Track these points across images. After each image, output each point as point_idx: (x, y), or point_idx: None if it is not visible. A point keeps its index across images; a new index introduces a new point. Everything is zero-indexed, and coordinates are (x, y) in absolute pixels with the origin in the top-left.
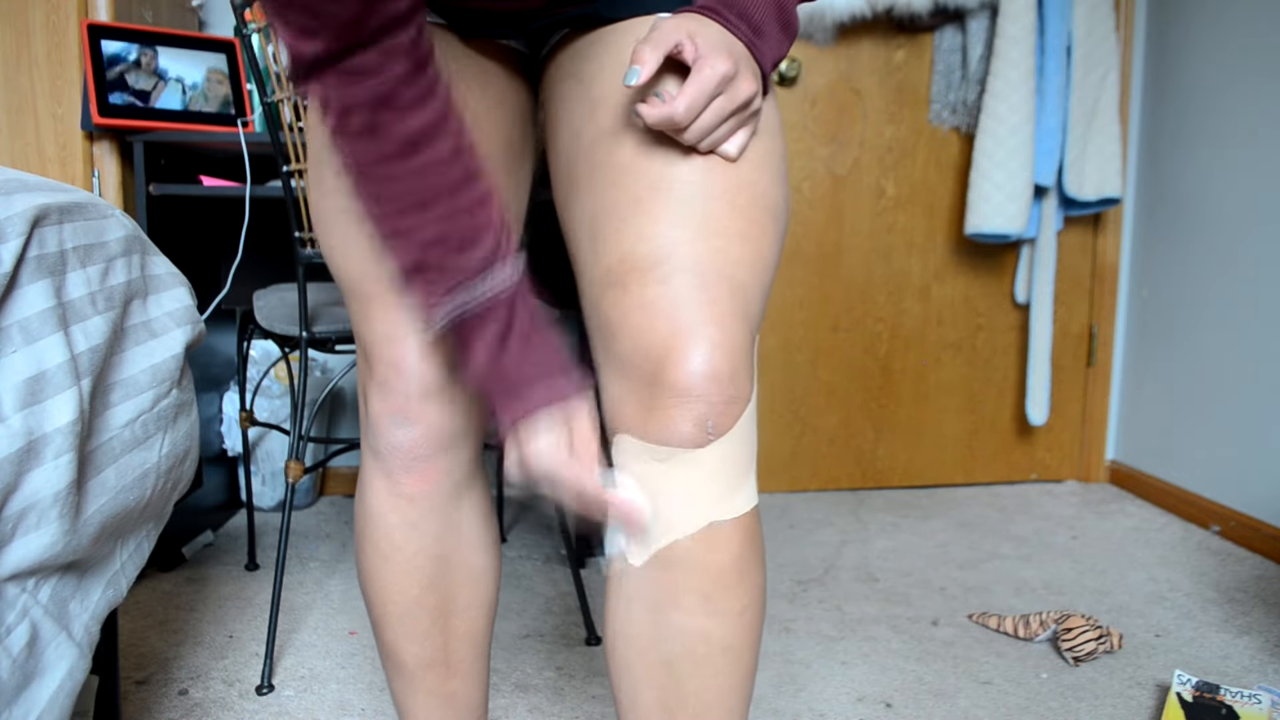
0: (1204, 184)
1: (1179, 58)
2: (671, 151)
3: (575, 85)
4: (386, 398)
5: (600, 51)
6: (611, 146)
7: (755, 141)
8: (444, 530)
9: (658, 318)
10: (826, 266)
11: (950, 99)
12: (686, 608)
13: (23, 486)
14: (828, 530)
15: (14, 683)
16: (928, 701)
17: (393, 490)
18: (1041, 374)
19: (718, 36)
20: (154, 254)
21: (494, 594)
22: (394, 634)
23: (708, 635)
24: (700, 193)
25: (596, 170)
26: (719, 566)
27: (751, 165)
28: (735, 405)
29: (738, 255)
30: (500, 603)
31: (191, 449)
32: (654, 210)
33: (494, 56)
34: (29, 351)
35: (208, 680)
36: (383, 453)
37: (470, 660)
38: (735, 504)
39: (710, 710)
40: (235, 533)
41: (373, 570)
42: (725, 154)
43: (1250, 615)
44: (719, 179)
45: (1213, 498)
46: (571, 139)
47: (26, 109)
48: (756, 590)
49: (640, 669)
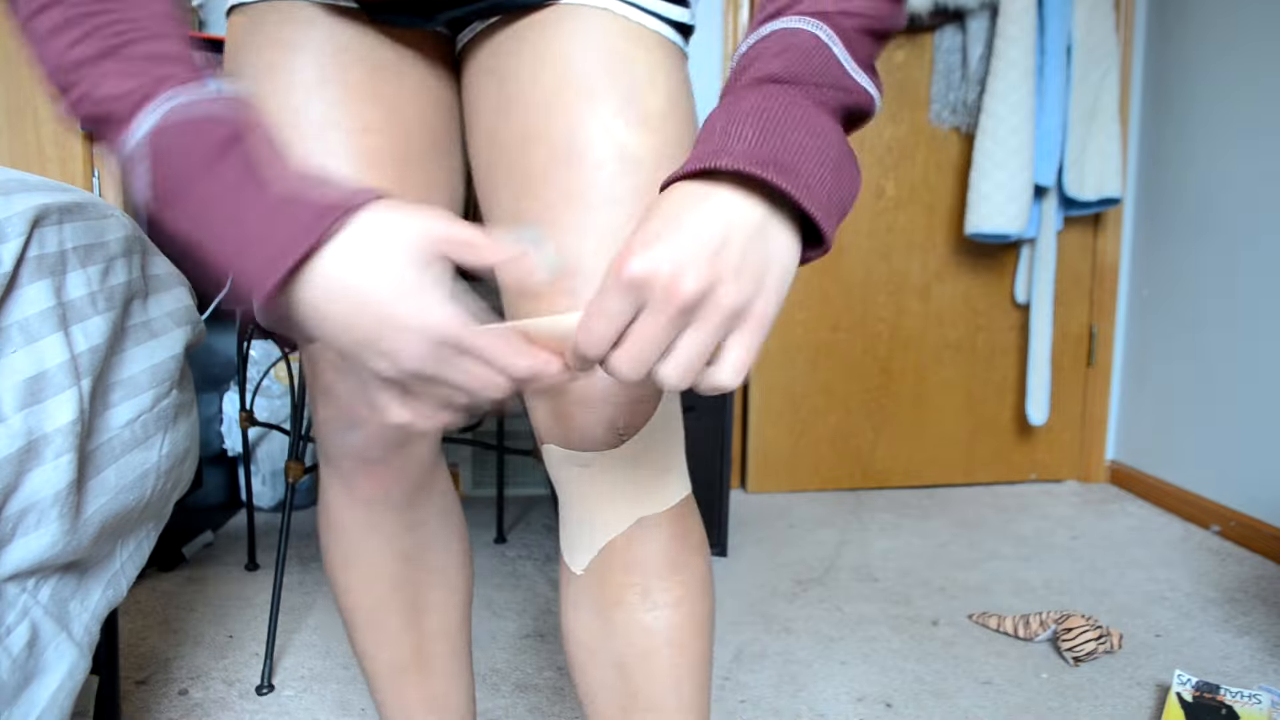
0: (1204, 184)
1: (1179, 58)
2: (585, 157)
3: (491, 82)
4: (331, 403)
5: (518, 45)
6: (527, 150)
7: (668, 132)
8: (404, 530)
9: None
10: (826, 266)
11: (950, 99)
12: (627, 604)
13: (23, 486)
14: (828, 530)
15: (14, 683)
16: (928, 701)
17: (349, 494)
18: (1041, 374)
19: (694, 209)
20: (154, 254)
21: (466, 591)
22: (365, 639)
23: (649, 629)
24: (609, 198)
25: (512, 175)
26: (652, 560)
27: (664, 160)
28: (643, 405)
29: None
30: (500, 603)
31: (191, 449)
32: (564, 219)
33: (411, 43)
34: (29, 351)
35: (208, 680)
36: (334, 457)
37: (446, 659)
38: (663, 497)
39: (662, 703)
40: (235, 533)
41: (339, 577)
42: (718, 384)
43: (1250, 615)
44: (630, 183)
45: (1213, 498)
46: (487, 139)
47: (26, 109)
48: (695, 579)
49: (593, 671)
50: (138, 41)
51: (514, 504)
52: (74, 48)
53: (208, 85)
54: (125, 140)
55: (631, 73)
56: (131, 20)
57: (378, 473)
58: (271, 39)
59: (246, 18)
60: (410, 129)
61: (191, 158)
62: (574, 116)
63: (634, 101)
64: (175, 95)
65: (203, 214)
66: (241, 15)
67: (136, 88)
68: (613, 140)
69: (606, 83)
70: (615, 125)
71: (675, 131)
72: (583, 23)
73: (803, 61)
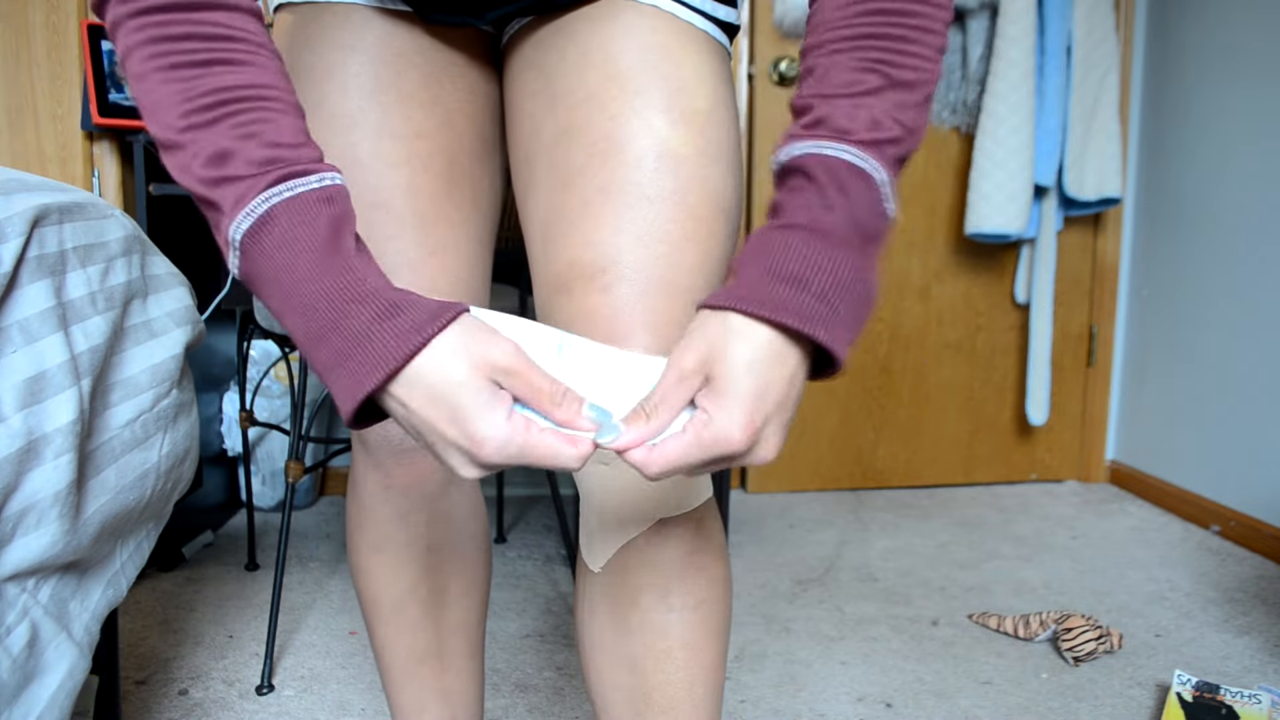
0: (1204, 184)
1: (1179, 58)
2: (625, 153)
3: (536, 76)
4: None
5: (564, 41)
6: (568, 146)
7: (710, 132)
8: (434, 521)
9: (596, 325)
10: None
11: (950, 99)
12: (644, 605)
13: (23, 486)
14: (828, 530)
15: (14, 683)
16: (928, 701)
17: (384, 482)
18: (1041, 374)
19: (759, 361)
20: (154, 254)
21: (485, 586)
22: (387, 627)
23: (666, 631)
24: (647, 195)
25: (553, 170)
26: (672, 561)
27: (705, 159)
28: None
29: (679, 260)
30: (500, 603)
31: (191, 449)
32: (600, 215)
33: (461, 46)
34: (29, 351)
35: (208, 680)
36: (372, 445)
37: (464, 655)
38: (685, 498)
39: (676, 706)
40: (235, 533)
41: (365, 563)
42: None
43: (1250, 615)
44: (669, 180)
45: (1213, 498)
46: (531, 134)
47: (26, 109)
48: (714, 583)
49: (607, 670)
50: (243, 111)
51: (514, 504)
52: (181, 104)
53: (308, 177)
54: (226, 227)
55: (677, 71)
56: (245, 89)
57: (416, 461)
58: (326, 40)
59: (296, 16)
60: (461, 132)
61: (293, 269)
62: (616, 112)
63: (678, 99)
64: (277, 192)
65: (302, 316)
66: (290, 14)
67: (240, 177)
68: (654, 137)
69: (650, 79)
70: (658, 122)
71: (717, 131)
72: (629, 18)
73: (856, 209)
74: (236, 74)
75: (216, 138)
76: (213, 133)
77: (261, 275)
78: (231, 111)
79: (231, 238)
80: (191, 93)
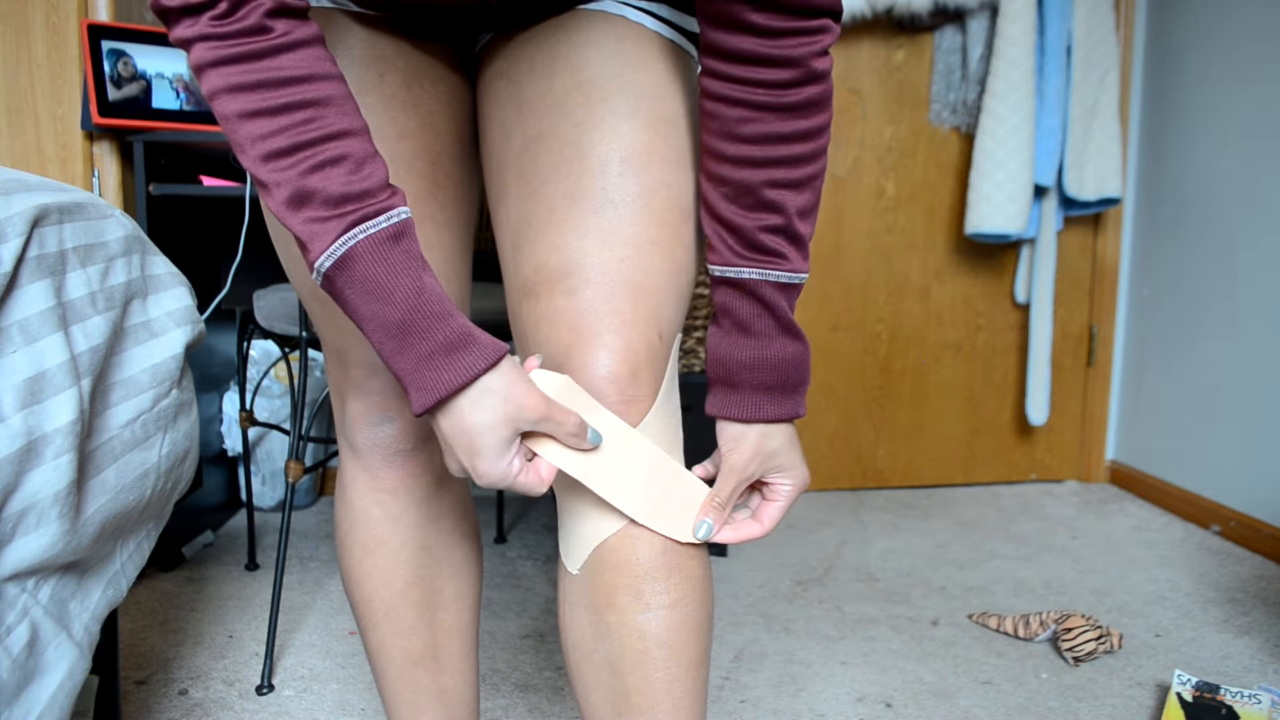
0: (1204, 184)
1: (1179, 58)
2: (589, 159)
3: (506, 85)
4: (364, 398)
5: (532, 50)
6: (536, 153)
7: (674, 138)
8: (426, 522)
9: (563, 328)
10: (826, 266)
11: (950, 99)
12: (620, 606)
13: (23, 486)
14: (828, 530)
15: (14, 683)
16: (928, 701)
17: (374, 485)
18: (1041, 374)
19: (790, 443)
20: (154, 254)
21: (477, 587)
22: (381, 631)
23: (642, 631)
24: (612, 200)
25: (522, 177)
26: (646, 561)
27: (670, 165)
28: (637, 403)
29: (646, 263)
30: (500, 602)
31: (191, 449)
32: (566, 221)
33: (439, 52)
34: (29, 351)
35: (208, 680)
36: (362, 449)
37: (459, 656)
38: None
39: (656, 706)
40: (235, 533)
41: (357, 567)
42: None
43: (1250, 615)
44: (633, 185)
45: (1213, 498)
46: (501, 141)
47: (26, 109)
48: (691, 581)
49: (588, 672)
50: (318, 154)
51: (514, 504)
52: (262, 144)
53: (378, 218)
54: (311, 261)
55: (642, 78)
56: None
57: (406, 463)
58: None
59: None
60: (442, 133)
61: (369, 301)
62: (582, 119)
63: (642, 106)
64: (352, 236)
65: (378, 336)
66: None
67: (320, 219)
68: (619, 143)
69: (616, 87)
70: (622, 129)
71: (681, 138)
72: (596, 27)
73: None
74: (311, 117)
75: (297, 179)
76: (293, 174)
77: (345, 302)
78: (307, 156)
79: (317, 269)
80: (270, 133)
